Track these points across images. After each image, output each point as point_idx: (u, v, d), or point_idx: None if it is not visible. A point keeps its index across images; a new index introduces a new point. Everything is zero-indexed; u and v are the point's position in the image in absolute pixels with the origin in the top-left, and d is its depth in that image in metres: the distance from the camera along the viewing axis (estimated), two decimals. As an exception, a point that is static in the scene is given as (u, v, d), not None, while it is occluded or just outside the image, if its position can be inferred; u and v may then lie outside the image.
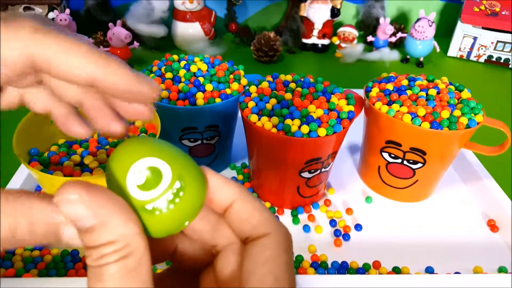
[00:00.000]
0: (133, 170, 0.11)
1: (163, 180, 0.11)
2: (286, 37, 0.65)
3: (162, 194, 0.11)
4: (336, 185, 0.36)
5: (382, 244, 0.30)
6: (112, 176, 0.11)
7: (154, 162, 0.11)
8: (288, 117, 0.28)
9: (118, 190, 0.11)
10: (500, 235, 0.31)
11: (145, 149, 0.12)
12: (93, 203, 0.10)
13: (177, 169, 0.11)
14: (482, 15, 0.63)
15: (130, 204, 0.11)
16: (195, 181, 0.12)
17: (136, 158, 0.11)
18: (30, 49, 0.11)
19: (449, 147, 0.31)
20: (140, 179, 0.11)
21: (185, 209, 0.11)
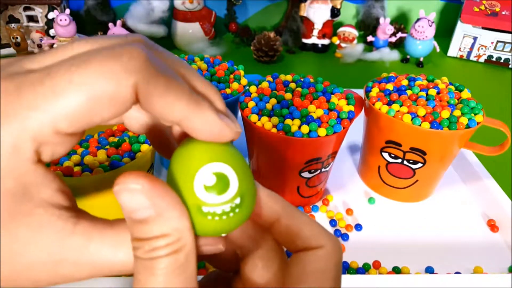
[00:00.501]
0: (207, 168, 0.11)
1: (228, 191, 0.11)
2: (286, 37, 0.65)
3: (222, 204, 0.11)
4: (336, 185, 0.36)
5: (382, 244, 0.30)
6: (181, 164, 0.12)
7: (228, 172, 0.12)
8: (288, 117, 0.28)
9: (181, 180, 0.11)
10: (500, 235, 0.31)
11: (223, 153, 0.12)
12: (153, 194, 0.10)
13: (243, 186, 0.12)
14: (482, 15, 0.63)
15: (187, 199, 0.11)
16: (251, 201, 0.12)
17: (215, 158, 0.12)
18: (137, 83, 0.10)
19: (449, 147, 0.31)
20: (210, 181, 0.11)
21: (234, 222, 0.12)
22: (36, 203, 0.10)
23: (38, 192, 0.10)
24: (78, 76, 0.10)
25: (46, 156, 0.11)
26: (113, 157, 0.25)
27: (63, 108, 0.10)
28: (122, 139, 0.26)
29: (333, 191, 0.35)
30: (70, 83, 0.10)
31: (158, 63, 0.11)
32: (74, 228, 0.10)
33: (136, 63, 0.10)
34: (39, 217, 0.10)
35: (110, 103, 0.10)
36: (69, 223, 0.10)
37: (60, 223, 0.10)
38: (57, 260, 0.10)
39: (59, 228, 0.10)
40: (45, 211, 0.10)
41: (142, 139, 0.26)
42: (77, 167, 0.24)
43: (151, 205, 0.10)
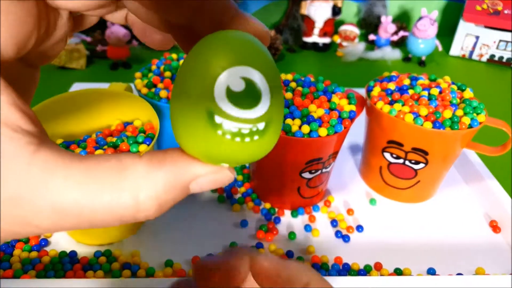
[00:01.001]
0: (239, 70, 0.09)
1: (254, 109, 0.09)
2: (287, 35, 0.65)
3: (241, 121, 0.09)
4: (337, 185, 0.35)
5: (384, 245, 0.30)
6: (205, 55, 0.09)
7: (262, 85, 0.09)
8: (288, 116, 0.27)
9: (200, 75, 0.09)
10: (503, 236, 0.31)
11: (262, 60, 0.09)
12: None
13: (273, 110, 0.09)
14: (484, 14, 0.63)
15: (199, 100, 0.09)
16: (276, 134, 0.09)
17: (251, 63, 0.09)
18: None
19: (451, 147, 0.30)
20: (237, 86, 0.09)
21: (246, 153, 0.09)
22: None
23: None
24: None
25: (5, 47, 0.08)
26: (111, 157, 0.24)
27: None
28: (120, 139, 0.26)
29: (334, 192, 0.35)
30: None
31: None
32: (32, 156, 0.08)
33: None
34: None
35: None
36: (25, 150, 0.08)
37: (11, 149, 0.08)
38: (11, 197, 0.08)
39: (9, 156, 0.08)
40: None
41: (140, 139, 0.26)
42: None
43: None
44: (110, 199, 0.08)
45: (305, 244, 0.29)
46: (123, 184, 0.09)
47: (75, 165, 0.08)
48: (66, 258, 0.27)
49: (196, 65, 0.09)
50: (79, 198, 0.08)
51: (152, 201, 0.09)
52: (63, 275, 0.26)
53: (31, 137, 0.08)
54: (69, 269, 0.26)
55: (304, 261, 0.28)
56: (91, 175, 0.08)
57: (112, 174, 0.09)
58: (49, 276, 0.25)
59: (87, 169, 0.08)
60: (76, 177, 0.08)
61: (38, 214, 0.08)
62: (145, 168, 0.09)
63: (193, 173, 0.09)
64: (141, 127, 0.28)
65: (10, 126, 0.08)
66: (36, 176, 0.08)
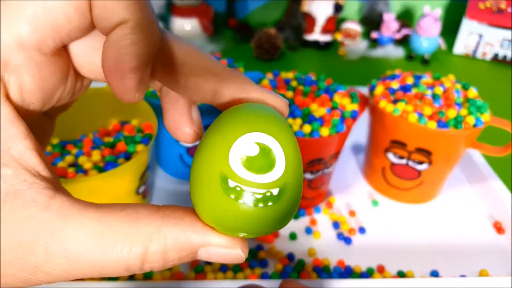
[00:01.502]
0: (253, 136, 0.09)
1: (268, 174, 0.09)
2: (288, 33, 0.64)
3: (255, 185, 0.09)
4: (339, 186, 0.35)
5: (386, 248, 0.29)
6: (225, 126, 0.09)
7: (277, 150, 0.09)
8: (289, 116, 0.27)
9: (218, 142, 0.09)
10: (506, 237, 0.31)
11: (276, 128, 0.09)
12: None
13: (289, 176, 0.09)
14: (487, 13, 0.62)
15: (215, 165, 0.09)
16: (292, 202, 0.09)
17: (265, 129, 0.09)
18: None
19: (455, 147, 0.30)
20: (251, 151, 0.09)
21: (260, 220, 0.09)
22: (4, 159, 0.08)
23: (6, 143, 0.08)
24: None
25: (14, 90, 0.08)
26: (108, 158, 0.24)
27: (22, 14, 0.08)
28: (117, 139, 0.25)
29: (336, 193, 0.34)
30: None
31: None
32: (49, 202, 0.08)
33: None
34: (7, 180, 0.08)
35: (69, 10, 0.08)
36: (42, 195, 0.08)
37: (31, 194, 0.08)
38: (26, 242, 0.08)
39: (29, 201, 0.08)
40: (14, 174, 0.08)
41: (138, 139, 0.25)
42: (71, 168, 0.24)
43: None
44: (122, 250, 0.08)
45: (306, 246, 0.29)
46: (137, 236, 0.09)
47: (91, 213, 0.09)
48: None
49: (215, 135, 0.09)
50: (92, 247, 0.08)
51: (159, 255, 0.09)
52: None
53: (48, 183, 0.09)
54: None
55: (305, 263, 0.27)
56: (106, 224, 0.08)
57: (127, 225, 0.09)
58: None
59: (102, 217, 0.09)
60: (90, 225, 0.08)
61: (50, 260, 0.08)
62: (159, 223, 0.09)
63: (205, 240, 0.09)
64: (138, 127, 0.27)
65: (30, 171, 0.08)
66: (52, 222, 0.08)
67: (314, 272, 0.27)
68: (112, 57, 0.09)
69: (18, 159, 0.08)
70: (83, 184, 0.22)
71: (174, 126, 0.12)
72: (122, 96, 0.09)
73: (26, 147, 0.08)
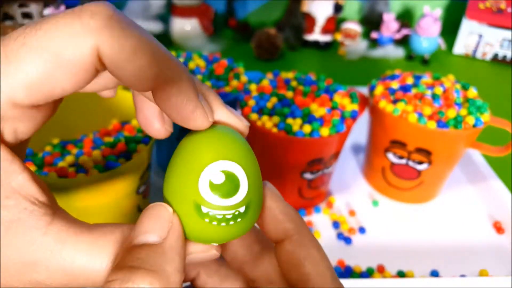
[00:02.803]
0: (218, 165, 0.10)
1: (235, 196, 0.10)
2: (288, 33, 0.64)
3: (225, 208, 0.10)
4: (339, 186, 0.35)
5: (386, 247, 0.29)
6: (189, 154, 0.10)
7: (240, 175, 0.10)
8: (289, 116, 0.27)
9: (186, 172, 0.10)
10: (506, 237, 0.31)
11: (238, 152, 0.11)
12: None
13: (252, 195, 0.11)
14: (487, 13, 0.62)
15: (187, 194, 0.10)
16: (256, 213, 0.11)
17: (229, 156, 0.10)
18: (98, 46, 0.09)
19: (455, 147, 0.30)
20: (218, 179, 0.10)
21: (232, 233, 0.11)
22: (6, 192, 0.09)
23: (6, 178, 0.09)
24: (32, 38, 0.09)
25: (9, 135, 0.09)
26: (108, 158, 0.24)
27: (17, 74, 0.09)
28: (117, 139, 0.25)
29: (336, 193, 0.34)
30: (23, 45, 0.09)
31: (125, 20, 0.09)
32: (47, 228, 0.09)
33: (98, 21, 0.09)
34: (9, 210, 0.09)
35: (69, 69, 0.09)
36: (42, 221, 0.09)
37: (31, 221, 0.09)
38: (29, 263, 0.09)
39: (29, 227, 0.09)
40: (16, 204, 0.09)
41: (138, 139, 0.25)
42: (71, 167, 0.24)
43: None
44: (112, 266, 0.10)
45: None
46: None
47: (84, 236, 0.10)
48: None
49: (183, 163, 0.11)
50: (87, 265, 0.10)
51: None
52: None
53: (46, 208, 0.10)
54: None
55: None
56: (98, 246, 0.10)
57: (117, 247, 0.10)
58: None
59: (94, 240, 0.10)
60: (84, 247, 0.10)
61: (51, 276, 0.09)
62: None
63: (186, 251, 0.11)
64: (138, 127, 0.27)
65: (29, 199, 0.09)
66: (50, 245, 0.09)
67: (314, 272, 0.27)
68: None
69: (19, 190, 0.09)
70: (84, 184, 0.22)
71: (145, 122, 0.13)
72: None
73: (24, 179, 0.09)
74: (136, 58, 0.09)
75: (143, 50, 0.09)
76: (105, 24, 0.09)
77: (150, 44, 0.09)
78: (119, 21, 0.09)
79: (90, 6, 0.09)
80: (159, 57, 0.09)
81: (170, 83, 0.10)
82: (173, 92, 0.10)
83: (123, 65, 0.09)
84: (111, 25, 0.09)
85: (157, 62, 0.09)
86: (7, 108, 0.09)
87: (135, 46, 0.09)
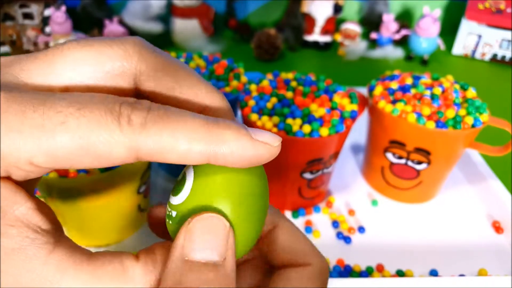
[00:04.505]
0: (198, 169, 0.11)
1: (176, 197, 0.11)
2: (287, 34, 0.65)
3: (168, 205, 0.11)
4: (339, 186, 0.35)
5: (386, 247, 0.29)
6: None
7: (189, 178, 0.11)
8: (289, 116, 0.27)
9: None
10: (505, 236, 0.31)
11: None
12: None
13: (191, 202, 0.10)
14: (487, 13, 0.62)
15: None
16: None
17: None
18: (137, 148, 0.09)
19: (454, 147, 0.30)
20: (180, 177, 0.11)
21: (171, 233, 0.11)
22: (9, 221, 0.09)
23: (10, 208, 0.09)
24: (74, 121, 0.09)
25: (18, 177, 0.10)
26: (109, 157, 0.24)
27: (45, 145, 0.09)
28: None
29: (335, 193, 0.34)
30: (63, 124, 0.09)
31: (160, 115, 0.10)
32: (48, 257, 0.10)
33: (136, 127, 0.09)
34: (11, 238, 0.09)
35: (97, 156, 0.09)
36: (43, 250, 0.10)
37: (32, 250, 0.09)
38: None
39: (30, 255, 0.09)
40: (18, 232, 0.09)
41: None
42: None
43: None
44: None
45: (306, 245, 0.29)
46: (125, 286, 0.10)
47: (84, 267, 0.10)
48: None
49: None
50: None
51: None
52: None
53: (49, 236, 0.10)
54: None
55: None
56: (97, 277, 0.10)
57: (115, 277, 0.10)
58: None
59: (93, 271, 0.10)
60: (84, 278, 0.10)
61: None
62: (142, 271, 0.11)
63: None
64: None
65: (32, 228, 0.10)
66: (49, 275, 0.09)
67: (313, 271, 0.27)
68: None
69: (22, 219, 0.09)
70: (85, 184, 0.22)
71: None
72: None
73: (28, 208, 0.10)
74: (176, 145, 0.09)
75: (180, 132, 0.10)
76: (141, 127, 0.09)
77: (184, 123, 0.10)
78: (156, 117, 0.10)
79: (128, 109, 0.09)
80: (198, 130, 0.10)
81: (220, 144, 0.10)
82: (223, 148, 0.10)
83: (166, 156, 0.10)
84: (147, 127, 0.09)
85: (199, 135, 0.10)
86: (23, 164, 0.09)
87: (172, 135, 0.09)
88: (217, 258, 0.10)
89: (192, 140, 0.10)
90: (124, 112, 0.09)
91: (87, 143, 0.09)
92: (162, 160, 0.10)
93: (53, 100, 0.09)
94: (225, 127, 0.10)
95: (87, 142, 0.09)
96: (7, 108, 0.09)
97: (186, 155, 0.10)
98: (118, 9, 0.63)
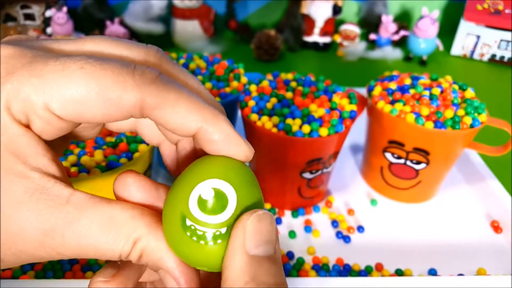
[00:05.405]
0: (211, 182, 0.11)
1: (218, 215, 0.10)
2: (287, 35, 0.65)
3: (205, 225, 0.10)
4: (338, 186, 0.35)
5: (385, 246, 0.29)
6: (189, 174, 0.11)
7: (230, 195, 0.10)
8: (289, 116, 0.27)
9: (183, 188, 0.11)
10: (504, 236, 0.31)
11: (234, 175, 0.11)
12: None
13: (236, 217, 0.10)
14: (485, 14, 0.62)
15: (178, 205, 0.11)
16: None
17: (222, 176, 0.11)
18: (144, 98, 0.10)
19: (452, 147, 0.30)
20: (207, 194, 0.10)
21: (208, 255, 0.10)
22: (31, 167, 0.10)
23: (32, 157, 0.10)
24: (91, 67, 0.10)
25: (35, 128, 0.10)
26: (110, 158, 0.24)
27: (63, 88, 0.10)
28: (119, 139, 0.26)
29: (335, 192, 0.34)
30: (81, 69, 0.10)
31: (168, 81, 0.11)
32: (70, 197, 0.10)
33: (147, 80, 0.10)
34: (35, 180, 0.10)
35: (106, 105, 0.10)
36: (65, 191, 0.10)
37: (56, 190, 0.10)
38: (47, 230, 0.10)
39: (54, 195, 0.10)
40: (41, 176, 0.10)
41: (139, 138, 0.26)
42: (74, 167, 0.24)
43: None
44: (120, 242, 0.10)
45: (306, 245, 0.29)
46: (134, 234, 0.11)
47: (104, 208, 0.10)
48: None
49: (182, 181, 0.11)
50: (100, 238, 0.10)
51: (138, 254, 0.11)
52: (62, 276, 0.25)
53: (66, 183, 0.11)
54: (68, 269, 0.26)
55: (304, 261, 0.28)
56: (114, 222, 0.10)
57: (130, 226, 0.11)
58: (48, 276, 0.25)
59: (112, 215, 0.10)
60: (102, 220, 0.10)
61: (65, 244, 0.10)
62: (148, 220, 0.11)
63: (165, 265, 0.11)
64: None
65: (52, 176, 0.10)
66: (70, 212, 0.10)
67: (313, 270, 0.27)
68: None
69: (41, 168, 0.10)
70: (86, 183, 0.23)
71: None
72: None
73: (48, 159, 0.11)
74: (178, 105, 0.11)
75: (184, 98, 0.11)
76: (152, 83, 0.10)
77: (189, 95, 0.11)
78: (164, 80, 0.11)
79: (142, 67, 0.11)
80: (198, 103, 0.11)
81: (211, 121, 0.11)
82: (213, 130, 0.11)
83: (168, 112, 0.11)
84: (156, 84, 0.11)
85: (197, 107, 0.11)
86: (39, 108, 0.10)
87: (176, 97, 0.11)
88: (273, 251, 0.10)
89: (191, 111, 0.11)
90: (139, 68, 0.11)
91: (101, 87, 0.10)
92: (161, 120, 0.11)
93: (75, 56, 0.10)
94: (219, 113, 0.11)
95: (101, 85, 0.10)
96: (33, 58, 0.10)
97: (183, 120, 0.11)
98: (119, 10, 0.64)
